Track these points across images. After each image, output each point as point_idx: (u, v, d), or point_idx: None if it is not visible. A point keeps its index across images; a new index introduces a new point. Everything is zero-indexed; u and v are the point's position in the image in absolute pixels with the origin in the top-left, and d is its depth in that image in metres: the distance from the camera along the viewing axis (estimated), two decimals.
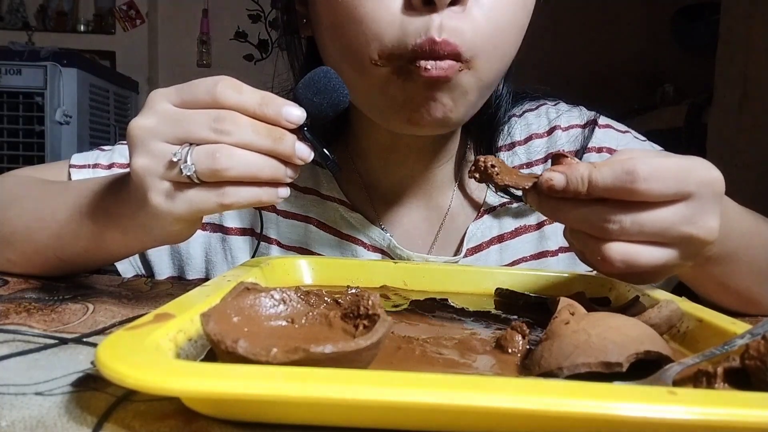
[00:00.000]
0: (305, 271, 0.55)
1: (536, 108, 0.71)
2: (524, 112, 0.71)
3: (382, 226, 0.66)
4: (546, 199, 0.41)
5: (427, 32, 0.48)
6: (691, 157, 0.39)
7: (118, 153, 0.67)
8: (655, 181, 0.37)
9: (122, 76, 3.04)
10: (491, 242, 0.67)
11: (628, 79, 3.15)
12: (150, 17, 3.30)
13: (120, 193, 0.47)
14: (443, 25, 0.48)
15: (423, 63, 0.48)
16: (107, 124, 2.79)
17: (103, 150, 0.68)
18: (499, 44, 0.52)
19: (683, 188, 0.37)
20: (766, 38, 1.88)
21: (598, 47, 3.23)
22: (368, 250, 0.65)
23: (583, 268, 0.54)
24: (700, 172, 0.38)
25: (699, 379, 0.31)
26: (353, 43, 0.51)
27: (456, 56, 0.49)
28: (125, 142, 0.69)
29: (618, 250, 0.38)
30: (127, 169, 0.64)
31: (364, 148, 0.66)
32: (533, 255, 0.67)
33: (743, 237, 0.51)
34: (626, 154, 0.40)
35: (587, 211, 0.39)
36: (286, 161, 0.41)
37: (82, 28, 3.28)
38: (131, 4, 3.27)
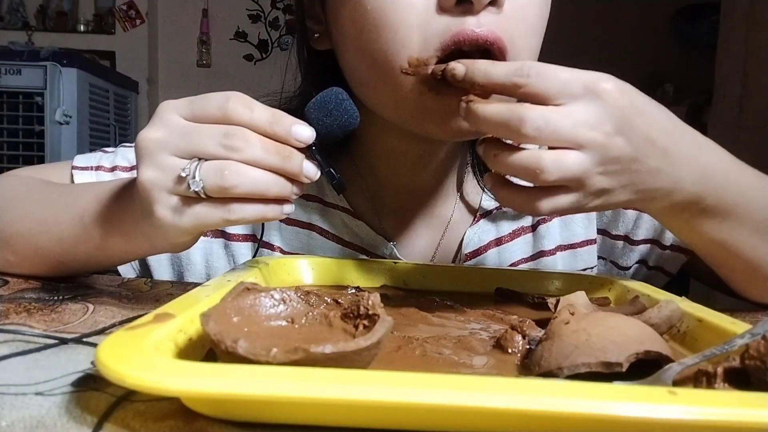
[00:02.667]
0: (305, 271, 0.55)
1: None
2: None
3: (386, 236, 0.66)
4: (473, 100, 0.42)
5: (463, 26, 0.47)
6: (600, 73, 0.41)
7: (121, 156, 0.67)
8: (539, 77, 0.39)
9: (122, 76, 3.03)
10: (489, 246, 0.66)
11: (628, 79, 3.15)
12: (150, 17, 3.30)
13: (124, 201, 0.47)
14: (481, 20, 0.47)
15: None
16: (107, 124, 2.79)
17: (106, 152, 0.68)
18: (533, 43, 0.52)
19: (568, 89, 0.39)
20: (766, 38, 1.88)
21: (597, 47, 3.23)
22: (370, 258, 0.65)
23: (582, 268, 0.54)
24: (590, 78, 0.40)
25: (699, 379, 0.31)
26: (382, 51, 0.50)
27: (500, 50, 0.48)
28: (128, 144, 0.69)
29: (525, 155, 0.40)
30: (130, 175, 0.64)
31: (371, 155, 0.65)
32: (531, 256, 0.67)
33: (744, 191, 0.49)
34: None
35: (500, 108, 0.40)
36: (292, 179, 0.41)
37: (82, 28, 3.28)
38: (131, 4, 3.27)
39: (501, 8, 0.48)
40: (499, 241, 0.67)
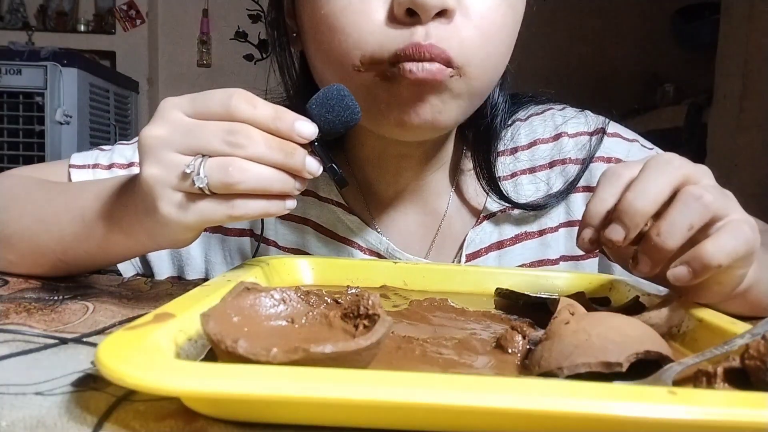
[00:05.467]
0: (305, 271, 0.55)
1: (542, 113, 0.71)
2: (530, 117, 0.70)
3: (379, 230, 0.66)
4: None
5: (411, 37, 0.48)
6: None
7: (118, 153, 0.67)
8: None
9: (122, 76, 3.04)
10: (490, 248, 0.66)
11: (628, 79, 3.16)
12: (150, 17, 3.30)
13: (125, 198, 0.47)
14: (429, 33, 0.48)
15: (407, 65, 0.48)
16: (107, 124, 2.79)
17: (103, 150, 0.68)
18: (489, 53, 0.52)
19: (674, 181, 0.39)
20: (766, 38, 1.88)
21: (598, 47, 3.23)
22: (365, 253, 0.65)
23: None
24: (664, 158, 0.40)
25: (699, 379, 0.31)
26: (335, 51, 0.51)
27: (446, 62, 0.49)
28: (125, 142, 0.70)
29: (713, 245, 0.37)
30: (128, 172, 0.64)
31: (357, 155, 0.66)
32: (533, 262, 0.66)
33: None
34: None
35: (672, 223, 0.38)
36: (295, 175, 0.42)
37: (82, 28, 3.28)
38: (131, 4, 3.27)
39: (450, 19, 0.49)
40: (500, 245, 0.66)
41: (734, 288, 0.42)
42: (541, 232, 0.67)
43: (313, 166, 0.42)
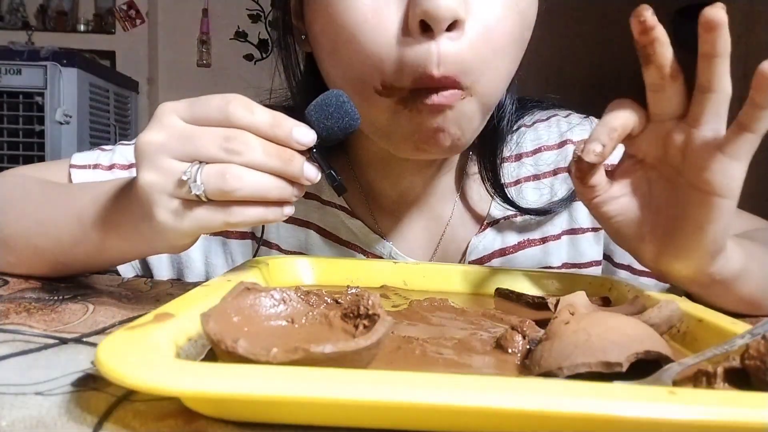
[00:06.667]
0: (305, 271, 0.55)
1: (547, 119, 0.70)
2: (535, 123, 0.70)
3: (382, 235, 0.66)
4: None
5: (426, 65, 0.47)
6: None
7: (119, 153, 0.67)
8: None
9: (122, 76, 3.04)
10: (492, 256, 0.66)
11: (629, 79, 3.15)
12: (150, 17, 3.30)
13: (122, 203, 0.47)
14: (441, 54, 0.47)
15: (424, 93, 0.48)
16: (107, 124, 2.79)
17: (104, 150, 0.68)
18: (499, 65, 0.51)
19: None
20: (766, 38, 1.88)
21: (597, 47, 3.23)
22: (368, 257, 0.65)
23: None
24: None
25: (699, 379, 0.31)
26: (357, 72, 0.50)
27: (456, 85, 0.49)
28: (126, 142, 0.70)
29: None
30: (128, 173, 0.64)
31: (362, 159, 0.66)
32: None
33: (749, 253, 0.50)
34: None
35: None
36: (293, 181, 0.41)
37: (82, 27, 3.28)
38: (131, 4, 3.27)
39: (461, 31, 0.48)
40: (503, 252, 0.66)
41: (715, 247, 0.44)
42: (544, 240, 0.67)
43: (311, 173, 0.42)
